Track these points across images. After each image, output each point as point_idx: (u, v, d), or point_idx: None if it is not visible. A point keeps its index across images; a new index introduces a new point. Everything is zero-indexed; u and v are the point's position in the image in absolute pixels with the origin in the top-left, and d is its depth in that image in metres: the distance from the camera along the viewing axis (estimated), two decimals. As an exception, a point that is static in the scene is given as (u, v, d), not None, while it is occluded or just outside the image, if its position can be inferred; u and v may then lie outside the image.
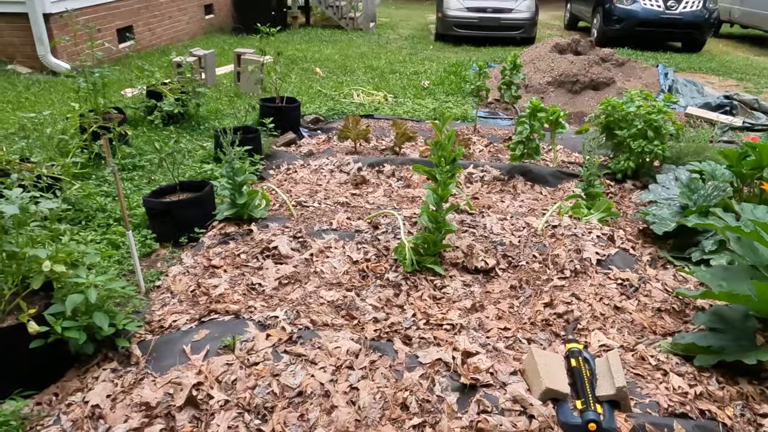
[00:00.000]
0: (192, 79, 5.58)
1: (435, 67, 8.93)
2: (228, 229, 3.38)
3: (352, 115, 4.95)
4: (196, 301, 2.70)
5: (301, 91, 6.99)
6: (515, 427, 1.92)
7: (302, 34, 12.10)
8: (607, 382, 2.08)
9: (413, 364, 2.21)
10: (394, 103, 6.76)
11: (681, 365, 2.29)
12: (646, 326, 2.59)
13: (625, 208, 3.99)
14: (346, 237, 3.24)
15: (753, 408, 2.12)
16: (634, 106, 4.24)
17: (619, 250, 3.19)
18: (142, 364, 2.23)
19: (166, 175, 4.21)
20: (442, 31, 11.47)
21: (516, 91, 5.18)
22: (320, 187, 4.16)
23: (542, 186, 4.30)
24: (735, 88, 8.14)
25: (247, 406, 2.01)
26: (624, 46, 10.89)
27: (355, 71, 8.51)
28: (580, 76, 7.20)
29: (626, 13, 10.78)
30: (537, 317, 2.63)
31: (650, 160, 4.32)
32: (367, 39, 11.78)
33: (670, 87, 7.61)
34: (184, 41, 10.62)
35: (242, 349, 2.26)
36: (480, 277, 2.99)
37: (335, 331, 2.40)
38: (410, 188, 4.20)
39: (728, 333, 2.38)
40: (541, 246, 3.20)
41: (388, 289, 2.81)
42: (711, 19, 10.86)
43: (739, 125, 6.12)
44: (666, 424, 1.97)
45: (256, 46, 6.91)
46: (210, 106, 6.06)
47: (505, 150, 5.03)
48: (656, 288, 2.87)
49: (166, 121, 5.32)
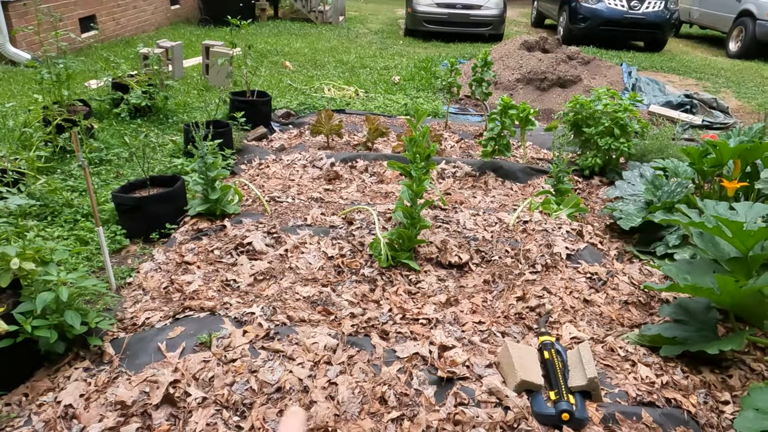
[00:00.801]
0: (159, 71, 5.46)
1: (405, 63, 8.96)
2: (201, 225, 3.34)
3: (325, 110, 4.94)
4: (169, 298, 2.67)
5: (271, 85, 6.92)
6: (491, 419, 1.97)
7: (271, 26, 11.97)
8: (578, 373, 2.15)
9: (391, 359, 2.24)
10: (366, 98, 6.76)
11: (648, 356, 2.38)
12: (614, 318, 2.67)
13: (592, 203, 4.09)
14: (320, 233, 3.24)
15: (715, 396, 2.22)
16: (601, 104, 4.35)
17: (588, 245, 3.27)
18: (116, 362, 2.20)
19: (135, 169, 4.13)
20: (411, 26, 11.50)
21: (487, 88, 5.25)
22: (293, 182, 4.14)
23: (513, 182, 4.37)
24: (694, 87, 8.41)
25: (226, 403, 2.00)
26: (589, 44, 11.12)
27: (325, 65, 8.47)
28: (548, 74, 7.32)
29: (591, 12, 11.01)
30: (510, 311, 2.69)
31: (616, 157, 4.44)
32: (337, 33, 11.73)
33: (633, 85, 7.81)
34: (149, 32, 10.38)
35: (219, 346, 2.24)
36: (454, 272, 3.04)
37: (312, 327, 2.40)
38: (383, 184, 4.22)
39: (692, 324, 2.49)
40: (512, 241, 3.26)
41: (364, 285, 2.83)
42: (672, 20, 11.18)
43: (698, 123, 6.34)
44: (634, 413, 2.05)
45: (225, 39, 6.82)
46: (178, 99, 5.95)
47: (476, 146, 5.10)
48: (623, 281, 2.96)
49: (133, 114, 5.21)
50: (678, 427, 2.03)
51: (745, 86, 8.57)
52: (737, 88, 8.45)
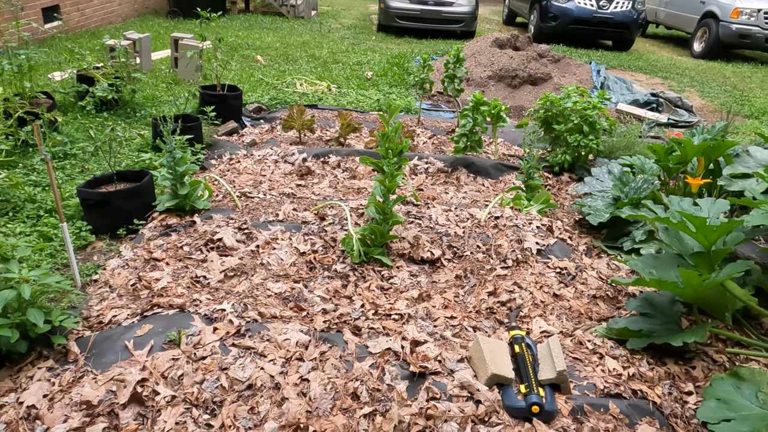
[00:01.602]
0: (127, 63, 5.34)
1: (378, 58, 8.94)
2: (169, 221, 3.28)
3: (297, 105, 4.89)
4: (137, 295, 2.62)
5: (242, 79, 6.83)
6: (463, 413, 1.98)
7: (242, 20, 11.81)
8: (548, 366, 2.18)
9: (363, 354, 2.23)
10: (338, 94, 6.72)
11: (615, 348, 2.43)
12: (582, 312, 2.72)
13: (562, 199, 4.15)
14: (292, 228, 3.22)
15: (679, 386, 2.28)
16: (570, 102, 4.41)
17: (558, 240, 3.32)
18: (81, 361, 2.14)
19: (101, 164, 4.03)
20: (384, 21, 11.48)
21: (459, 84, 5.27)
22: (264, 177, 4.10)
23: (484, 178, 4.41)
24: (660, 86, 8.60)
25: (195, 401, 1.97)
26: (559, 42, 11.28)
27: (297, 60, 8.40)
28: (519, 71, 7.40)
29: (561, 10, 11.16)
30: (481, 306, 2.71)
31: (585, 154, 4.52)
32: (309, 27, 11.64)
33: (602, 83, 7.95)
34: (116, 23, 10.13)
35: (188, 344, 2.21)
36: (426, 268, 3.05)
37: (284, 323, 2.39)
38: (356, 179, 4.21)
39: (657, 317, 2.55)
40: (484, 237, 3.29)
41: (336, 280, 2.82)
42: (639, 20, 11.40)
43: (664, 122, 6.49)
44: (602, 404, 2.09)
45: (194, 32, 6.71)
46: (146, 93, 5.82)
47: (448, 142, 5.13)
48: (592, 276, 3.01)
49: (99, 108, 5.09)
50: (644, 418, 2.08)
51: (709, 86, 8.80)
52: (701, 87, 8.68)
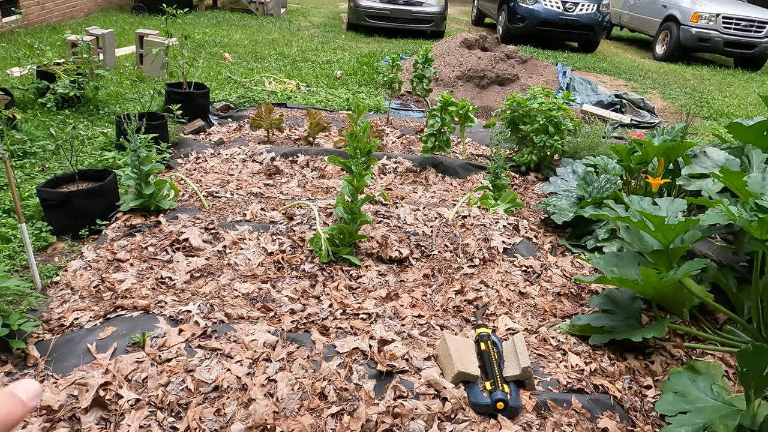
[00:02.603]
0: (89, 59, 5.22)
1: (347, 57, 8.93)
2: (134, 221, 3.22)
3: (265, 104, 4.86)
4: (100, 297, 2.56)
5: (209, 77, 6.74)
6: (430, 410, 2.00)
7: (209, 16, 11.64)
8: (513, 363, 2.22)
9: (331, 354, 2.24)
10: (307, 92, 6.69)
11: (578, 345, 2.49)
12: (547, 310, 2.78)
13: (528, 198, 4.23)
14: (260, 228, 3.20)
15: (639, 381, 2.35)
16: (536, 102, 4.49)
17: (523, 239, 3.38)
18: (42, 365, 2.09)
19: (63, 162, 3.93)
20: (354, 20, 11.47)
21: (428, 84, 5.31)
22: (232, 176, 4.05)
23: (452, 177, 4.45)
24: (624, 87, 8.81)
25: (160, 404, 1.94)
26: (527, 44, 11.44)
27: (266, 58, 8.32)
28: (487, 72, 7.48)
29: (529, 12, 11.32)
30: (449, 304, 2.74)
31: (551, 154, 4.60)
32: (278, 25, 11.54)
33: (568, 84, 8.10)
34: (78, 18, 9.87)
35: (153, 346, 2.18)
36: (394, 267, 3.07)
37: (251, 324, 2.37)
38: (325, 179, 4.20)
39: (618, 314, 2.62)
40: (452, 236, 3.32)
41: (305, 280, 2.81)
42: (604, 22, 11.65)
43: (627, 122, 6.65)
44: (565, 400, 2.14)
45: (160, 28, 6.59)
46: (110, 90, 5.70)
47: (417, 141, 5.16)
48: (556, 274, 3.08)
49: (61, 105, 4.96)
50: (605, 412, 2.14)
51: (670, 88, 9.05)
52: (663, 89, 8.92)
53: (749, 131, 3.16)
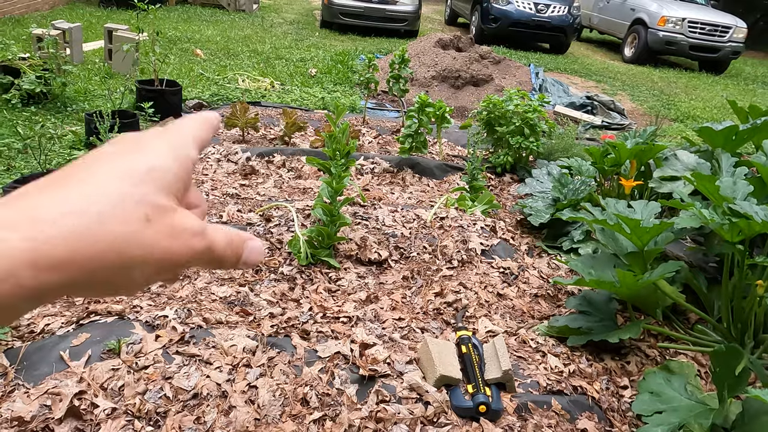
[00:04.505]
0: (56, 54, 5.07)
1: (322, 55, 8.87)
2: (106, 223, 3.13)
3: (240, 102, 4.79)
4: (72, 302, 2.49)
5: (181, 74, 6.62)
6: (412, 414, 2.00)
7: (180, 11, 11.43)
8: (494, 365, 2.24)
9: (312, 359, 2.22)
10: (282, 91, 6.63)
11: (557, 346, 2.52)
12: (525, 311, 2.81)
13: (504, 200, 4.26)
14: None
15: (615, 381, 2.39)
16: (512, 104, 4.53)
17: (501, 241, 3.41)
18: (12, 374, 2.02)
19: (29, 161, 3.80)
20: (328, 18, 11.41)
21: (404, 84, 5.31)
22: (207, 177, 3.99)
23: (429, 178, 4.47)
24: (595, 89, 8.97)
25: (138, 413, 1.90)
26: (500, 44, 11.55)
27: (239, 55, 8.22)
28: (461, 72, 7.53)
29: (502, 13, 11.44)
30: (429, 306, 2.75)
31: (526, 156, 4.65)
32: (251, 21, 11.40)
33: (540, 86, 8.21)
34: (43, 11, 9.58)
35: (129, 353, 2.12)
36: (374, 269, 3.06)
37: (230, 329, 2.34)
38: (302, 179, 4.16)
39: (595, 315, 2.66)
40: (430, 237, 3.33)
41: (283, 283, 2.78)
42: (575, 24, 11.85)
43: (599, 124, 6.78)
44: (545, 401, 2.16)
45: (130, 23, 6.45)
46: (78, 86, 5.54)
47: (393, 142, 5.15)
48: (533, 275, 3.11)
49: (26, 101, 4.80)
50: (584, 413, 2.17)
51: (639, 89, 9.25)
52: (632, 91, 9.11)
53: (719, 135, 3.25)
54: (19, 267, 0.32)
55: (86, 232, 0.34)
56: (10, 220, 0.33)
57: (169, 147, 0.41)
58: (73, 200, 0.35)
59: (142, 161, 0.39)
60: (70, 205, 0.35)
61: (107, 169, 0.38)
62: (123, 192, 0.37)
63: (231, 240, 0.43)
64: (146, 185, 0.38)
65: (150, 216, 0.37)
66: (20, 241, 0.33)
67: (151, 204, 0.38)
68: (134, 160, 0.39)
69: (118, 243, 0.36)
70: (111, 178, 0.37)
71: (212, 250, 0.41)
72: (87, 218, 0.35)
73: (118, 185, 0.37)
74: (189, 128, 0.45)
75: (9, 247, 0.32)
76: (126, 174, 0.38)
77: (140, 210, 0.37)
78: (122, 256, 0.36)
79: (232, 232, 0.43)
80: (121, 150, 0.40)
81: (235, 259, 0.43)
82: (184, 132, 0.44)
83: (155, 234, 0.37)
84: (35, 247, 0.33)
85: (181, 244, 0.39)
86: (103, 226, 0.35)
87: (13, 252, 0.32)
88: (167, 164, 0.40)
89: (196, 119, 0.47)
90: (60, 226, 0.34)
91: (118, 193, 0.37)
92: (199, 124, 0.46)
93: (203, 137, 0.46)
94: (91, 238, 0.35)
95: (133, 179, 0.38)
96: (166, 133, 0.43)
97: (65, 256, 0.34)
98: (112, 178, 0.37)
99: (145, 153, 0.40)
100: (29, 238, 0.33)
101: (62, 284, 0.34)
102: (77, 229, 0.34)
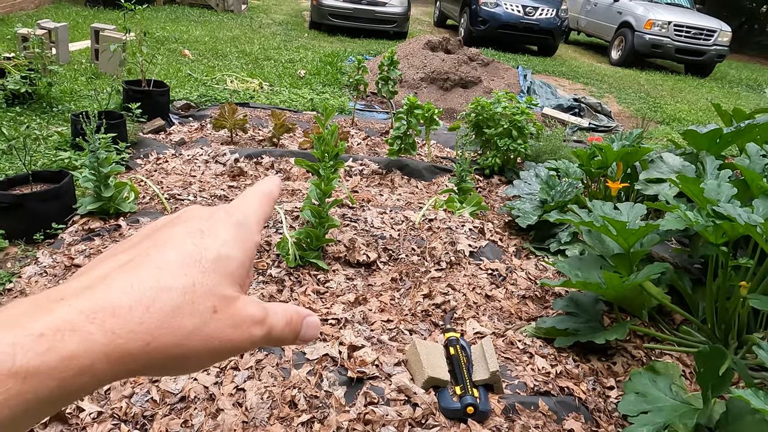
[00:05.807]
0: (42, 54, 5.01)
1: (311, 56, 8.86)
2: (92, 225, 3.11)
3: (228, 103, 4.77)
4: (57, 305, 2.46)
5: (169, 75, 6.58)
6: (400, 416, 2.01)
7: (168, 11, 11.36)
8: (482, 367, 2.25)
9: (301, 361, 2.22)
10: (270, 92, 6.61)
11: (544, 347, 2.54)
12: (513, 313, 2.82)
13: (492, 201, 4.29)
14: (225, 232, 3.14)
15: (602, 382, 2.41)
16: (500, 106, 4.55)
17: (489, 242, 3.43)
18: (-4, 378, 2.00)
19: (14, 163, 3.76)
20: (316, 19, 11.40)
21: (393, 86, 5.32)
22: (194, 178, 3.97)
23: (418, 180, 4.48)
24: (582, 91, 9.04)
25: (124, 417, 1.89)
26: (488, 46, 11.60)
27: (227, 55, 8.18)
28: (450, 74, 7.55)
29: (490, 15, 11.50)
30: (417, 308, 2.75)
31: (514, 158, 4.68)
32: (239, 22, 11.36)
33: (528, 88, 8.26)
34: (28, 10, 9.48)
35: (116, 356, 2.11)
36: (362, 271, 3.06)
37: (218, 331, 2.32)
38: (290, 181, 4.16)
39: (581, 316, 2.68)
40: (419, 239, 3.34)
41: (272, 285, 2.78)
42: (563, 27, 11.94)
43: (586, 126, 6.83)
44: (533, 402, 2.18)
45: (117, 23, 6.40)
46: (64, 86, 5.49)
47: (382, 144, 5.16)
48: (521, 277, 3.13)
49: (11, 102, 4.75)
50: (571, 414, 2.19)
51: (625, 92, 9.33)
52: (618, 93, 9.19)
53: (703, 138, 3.29)
54: (96, 360, 0.33)
55: (158, 326, 0.36)
56: (91, 309, 0.34)
57: (236, 232, 0.42)
58: (149, 290, 0.36)
59: (212, 248, 0.40)
60: (148, 298, 0.36)
61: (179, 253, 0.39)
62: (194, 282, 0.38)
63: (290, 320, 0.43)
64: (215, 275, 0.39)
65: (217, 307, 0.38)
66: (101, 335, 0.34)
67: (218, 295, 0.38)
68: (204, 247, 0.40)
69: (184, 336, 0.37)
70: (182, 265, 0.38)
71: (271, 334, 0.42)
72: (161, 313, 0.36)
73: (189, 273, 0.38)
74: (254, 209, 0.46)
75: (92, 341, 0.33)
76: (196, 260, 0.39)
77: (209, 301, 0.38)
78: (183, 348, 0.37)
79: (290, 311, 0.44)
80: (192, 231, 0.41)
81: (293, 337, 0.44)
82: (249, 213, 0.45)
83: (218, 324, 0.38)
84: (112, 340, 0.34)
85: (240, 333, 0.39)
86: (173, 320, 0.36)
87: (94, 347, 0.33)
88: (233, 253, 0.41)
89: (261, 195, 0.48)
90: (136, 320, 0.35)
91: (188, 282, 0.37)
92: (264, 204, 0.48)
93: (267, 215, 0.48)
94: (161, 330, 0.36)
95: (202, 266, 0.39)
96: (234, 214, 0.44)
97: (137, 351, 0.35)
98: (183, 265, 0.38)
99: (214, 238, 0.41)
100: (108, 330, 0.34)
101: (123, 373, 0.35)
102: (152, 324, 0.35)
